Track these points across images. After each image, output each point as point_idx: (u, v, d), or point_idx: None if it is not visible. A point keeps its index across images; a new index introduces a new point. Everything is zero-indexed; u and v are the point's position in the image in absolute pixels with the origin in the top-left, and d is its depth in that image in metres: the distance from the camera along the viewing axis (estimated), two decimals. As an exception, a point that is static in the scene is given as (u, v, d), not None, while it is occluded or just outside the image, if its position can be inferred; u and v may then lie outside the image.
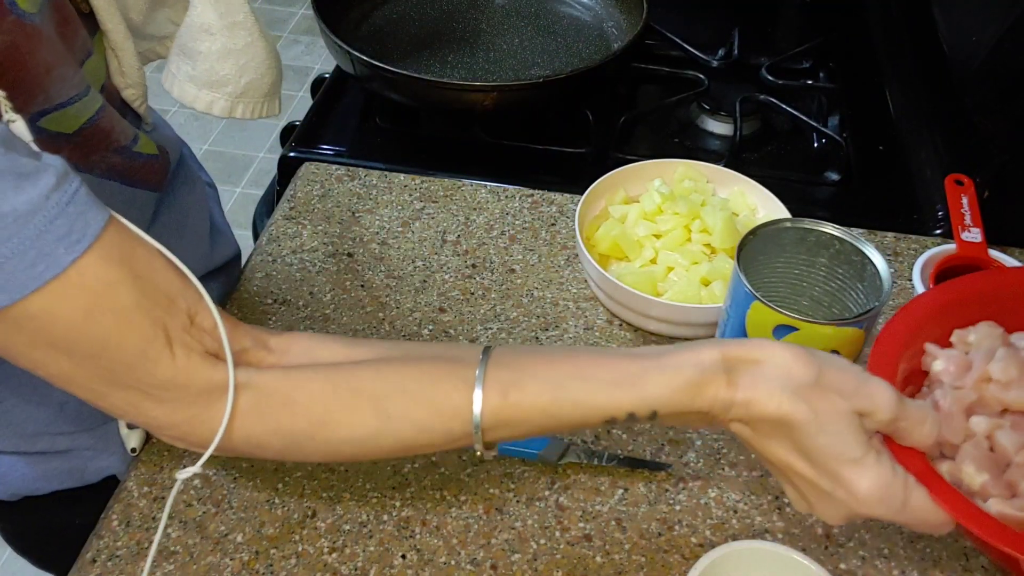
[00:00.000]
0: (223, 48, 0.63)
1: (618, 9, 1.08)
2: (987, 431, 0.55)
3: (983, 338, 0.59)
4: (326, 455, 0.54)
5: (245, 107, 0.67)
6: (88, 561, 0.61)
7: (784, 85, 1.04)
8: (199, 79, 0.64)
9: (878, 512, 0.48)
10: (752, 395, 0.48)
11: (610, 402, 0.49)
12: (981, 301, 0.60)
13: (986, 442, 0.55)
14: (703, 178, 0.83)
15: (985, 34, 0.83)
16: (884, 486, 0.48)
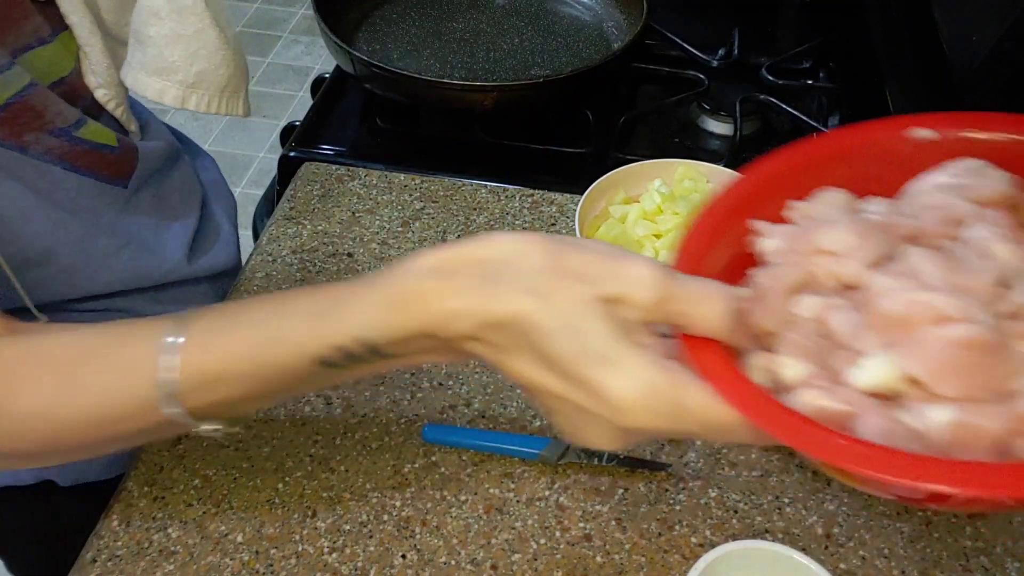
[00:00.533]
0: (171, 33, 0.62)
1: (618, 9, 1.08)
2: (817, 314, 0.44)
3: (827, 208, 0.49)
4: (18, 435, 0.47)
5: (200, 99, 0.65)
6: (88, 561, 0.61)
7: (784, 85, 1.04)
8: (149, 65, 0.63)
9: (646, 421, 0.39)
10: (473, 299, 0.40)
11: (312, 336, 0.42)
12: (829, 165, 0.51)
13: (815, 328, 0.44)
14: (703, 178, 0.83)
15: (985, 34, 0.83)
16: (645, 388, 0.39)
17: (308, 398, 0.70)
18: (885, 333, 0.42)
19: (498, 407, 0.70)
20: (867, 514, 0.64)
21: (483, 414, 0.69)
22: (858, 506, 0.64)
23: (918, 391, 0.41)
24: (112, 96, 0.64)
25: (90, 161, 0.63)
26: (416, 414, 0.69)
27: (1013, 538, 0.63)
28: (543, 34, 1.05)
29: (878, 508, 0.64)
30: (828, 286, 0.45)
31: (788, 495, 0.65)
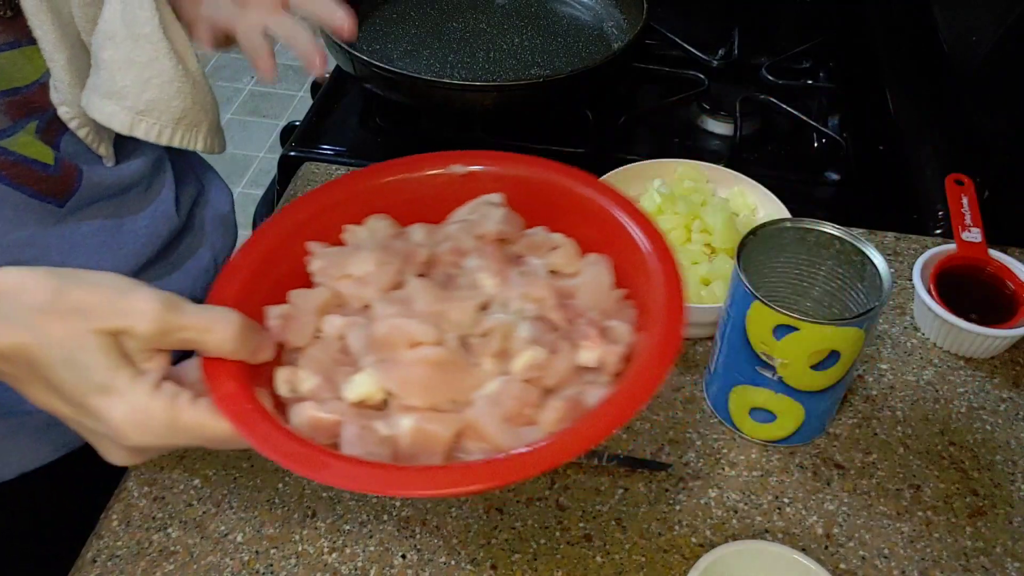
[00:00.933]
0: (124, 58, 0.61)
1: (618, 9, 1.08)
2: (339, 331, 0.51)
3: (367, 234, 0.56)
4: None
5: (150, 127, 0.64)
6: (88, 561, 0.61)
7: (784, 85, 1.04)
8: (101, 88, 0.62)
9: (148, 440, 0.44)
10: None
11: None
12: (388, 192, 0.57)
13: (338, 343, 0.51)
14: (703, 178, 0.83)
15: (985, 34, 0.83)
16: (139, 411, 0.43)
17: (308, 398, 0.70)
18: (378, 351, 0.49)
19: (498, 407, 0.70)
20: (867, 514, 0.64)
21: (483, 414, 0.69)
22: (858, 506, 0.64)
23: (396, 402, 0.48)
24: (75, 115, 0.63)
25: (18, 173, 0.62)
26: (416, 414, 0.69)
27: (1013, 538, 0.63)
28: (543, 34, 1.05)
29: (878, 508, 0.64)
30: (354, 307, 0.52)
31: (788, 495, 0.65)
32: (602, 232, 0.55)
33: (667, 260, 0.51)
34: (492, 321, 0.51)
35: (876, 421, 0.70)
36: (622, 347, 0.50)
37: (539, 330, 0.51)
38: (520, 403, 0.48)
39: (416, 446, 0.47)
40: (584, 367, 0.50)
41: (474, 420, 0.48)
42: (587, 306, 0.53)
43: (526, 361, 0.49)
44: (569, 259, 0.55)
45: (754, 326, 0.61)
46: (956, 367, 0.74)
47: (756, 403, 0.65)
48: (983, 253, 0.77)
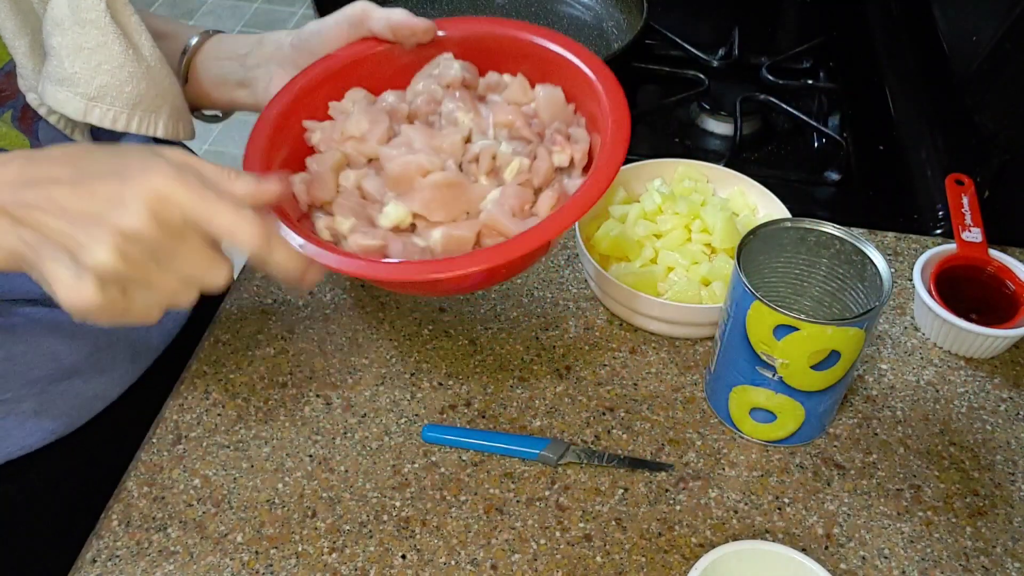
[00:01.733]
0: (73, 44, 0.61)
1: (618, 9, 1.08)
2: (355, 182, 0.62)
3: (353, 103, 0.65)
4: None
5: (104, 113, 0.63)
6: (88, 561, 0.61)
7: (784, 85, 1.04)
8: (53, 75, 0.61)
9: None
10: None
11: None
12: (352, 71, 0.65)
13: (357, 192, 0.62)
14: (703, 178, 0.83)
15: (985, 34, 0.83)
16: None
17: (308, 398, 0.70)
18: (395, 187, 0.60)
19: (498, 407, 0.70)
20: (867, 514, 0.64)
21: (483, 414, 0.69)
22: (858, 506, 0.64)
23: (422, 221, 0.59)
24: (43, 102, 0.62)
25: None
26: (416, 414, 0.69)
27: (1013, 538, 0.63)
28: (543, 34, 1.05)
29: (878, 508, 0.64)
30: (360, 162, 0.63)
31: (788, 495, 0.65)
32: (542, 65, 0.65)
33: (603, 73, 0.62)
34: (478, 147, 0.62)
35: (876, 421, 0.70)
36: (584, 145, 0.62)
37: (517, 145, 0.62)
38: (520, 200, 0.60)
39: (448, 251, 0.58)
40: (559, 168, 0.62)
41: (489, 220, 0.58)
42: (548, 120, 0.64)
43: (515, 168, 0.61)
44: (523, 90, 0.66)
45: (754, 326, 0.61)
46: (956, 367, 0.74)
47: (756, 403, 0.65)
48: (983, 253, 0.77)
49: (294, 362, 0.73)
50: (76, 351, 0.71)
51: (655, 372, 0.73)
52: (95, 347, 0.73)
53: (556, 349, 0.74)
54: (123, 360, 0.76)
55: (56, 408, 0.71)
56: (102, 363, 0.74)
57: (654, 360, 0.74)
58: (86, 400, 0.73)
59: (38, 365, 0.69)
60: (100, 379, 0.74)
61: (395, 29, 0.65)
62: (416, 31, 0.65)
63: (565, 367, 0.73)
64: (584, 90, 0.63)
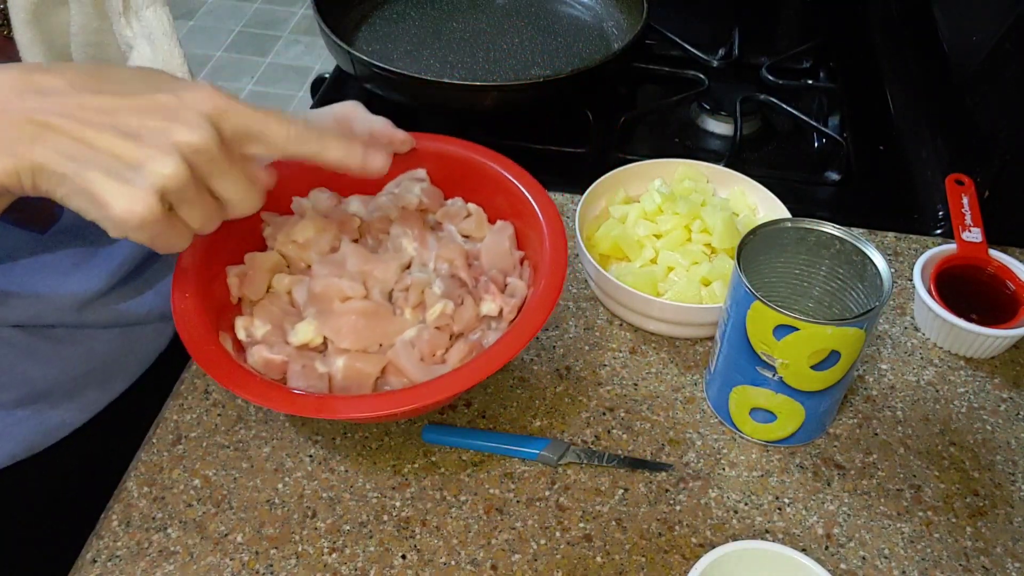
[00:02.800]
0: None
1: (618, 9, 1.08)
2: (287, 287, 0.64)
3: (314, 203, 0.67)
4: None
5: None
6: (88, 561, 0.61)
7: (784, 85, 1.04)
8: None
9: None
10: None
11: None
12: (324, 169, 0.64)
13: (287, 297, 0.64)
14: (703, 178, 0.83)
15: (985, 34, 0.83)
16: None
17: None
18: (317, 304, 0.62)
19: (498, 407, 0.70)
20: (867, 514, 0.64)
21: (483, 414, 0.69)
22: (858, 506, 0.64)
23: (333, 345, 0.60)
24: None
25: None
26: (416, 414, 0.69)
27: (1014, 538, 0.63)
28: (543, 34, 1.05)
29: (878, 508, 0.64)
30: (299, 267, 0.65)
31: (788, 495, 0.65)
32: (509, 201, 0.68)
33: (555, 227, 0.64)
34: (411, 278, 0.63)
35: (876, 421, 0.70)
36: (518, 299, 0.63)
37: (450, 286, 0.63)
38: (432, 346, 0.61)
39: (348, 380, 0.59)
40: (487, 316, 0.63)
41: (395, 359, 0.60)
42: (490, 265, 0.66)
43: (438, 311, 0.62)
44: (479, 225, 0.68)
45: (754, 326, 0.61)
46: (956, 367, 0.74)
47: (756, 403, 0.65)
48: (983, 253, 0.77)
49: (294, 362, 0.73)
50: (51, 376, 0.71)
51: (655, 372, 0.73)
52: (71, 373, 0.72)
53: (556, 349, 0.74)
54: (95, 387, 0.75)
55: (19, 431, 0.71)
56: (74, 390, 0.73)
57: (654, 360, 0.74)
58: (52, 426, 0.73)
59: (9, 387, 0.69)
60: (68, 405, 0.74)
61: (375, 136, 0.67)
62: (393, 141, 0.67)
63: (565, 367, 0.73)
64: (538, 237, 0.65)
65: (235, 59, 2.77)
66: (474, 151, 0.70)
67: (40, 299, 0.69)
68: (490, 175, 0.69)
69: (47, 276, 0.69)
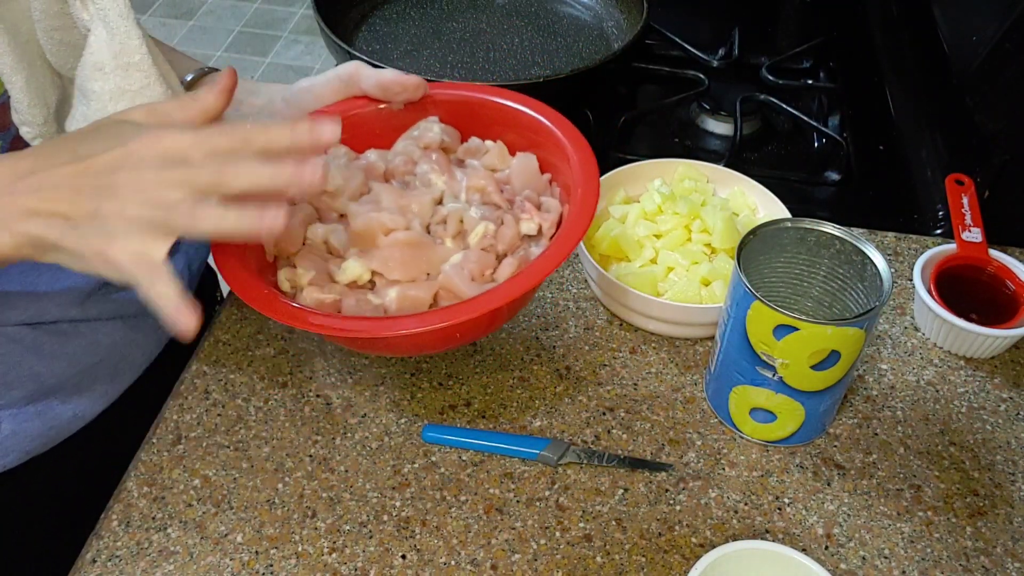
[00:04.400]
0: (116, 88, 0.61)
1: (618, 9, 1.08)
2: (323, 237, 0.63)
3: (333, 157, 0.66)
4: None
5: None
6: (88, 561, 0.61)
7: (784, 85, 1.04)
8: (92, 119, 0.61)
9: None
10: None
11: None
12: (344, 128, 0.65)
13: (323, 246, 0.63)
14: (703, 178, 0.83)
15: (985, 34, 0.83)
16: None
17: (308, 398, 0.70)
18: (358, 244, 0.61)
19: (498, 407, 0.70)
20: (867, 514, 0.64)
21: (483, 414, 0.69)
22: (858, 506, 0.64)
23: (380, 279, 0.60)
24: (38, 135, 0.63)
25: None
26: (416, 414, 0.69)
27: (1013, 538, 0.63)
28: (543, 34, 1.05)
29: (878, 508, 0.64)
30: (331, 216, 0.64)
31: (788, 495, 0.65)
32: (524, 134, 0.67)
33: (580, 145, 0.63)
34: (447, 209, 0.63)
35: (876, 421, 0.70)
36: (554, 215, 0.63)
37: (487, 210, 0.63)
38: (481, 266, 0.60)
39: (403, 310, 0.59)
40: (527, 236, 0.63)
41: (446, 282, 0.59)
42: (521, 188, 0.66)
43: (480, 232, 0.62)
44: (501, 157, 0.67)
45: (754, 326, 0.61)
46: (956, 367, 0.74)
47: (756, 403, 0.65)
48: (983, 253, 0.77)
49: (294, 362, 0.73)
50: (58, 371, 0.71)
51: (655, 372, 0.73)
52: (78, 367, 0.72)
53: (556, 349, 0.74)
54: (104, 380, 0.75)
55: (32, 427, 0.71)
56: (82, 384, 0.73)
57: (654, 360, 0.74)
58: (64, 420, 0.73)
59: (18, 385, 0.69)
60: (79, 399, 0.74)
61: (385, 87, 0.66)
62: (407, 87, 0.67)
63: (565, 367, 0.73)
64: (562, 160, 0.64)
65: (235, 59, 2.77)
66: (482, 91, 0.69)
67: (41, 296, 0.69)
68: (502, 111, 0.68)
69: (45, 273, 0.69)
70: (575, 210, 0.59)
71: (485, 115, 0.69)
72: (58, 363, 0.71)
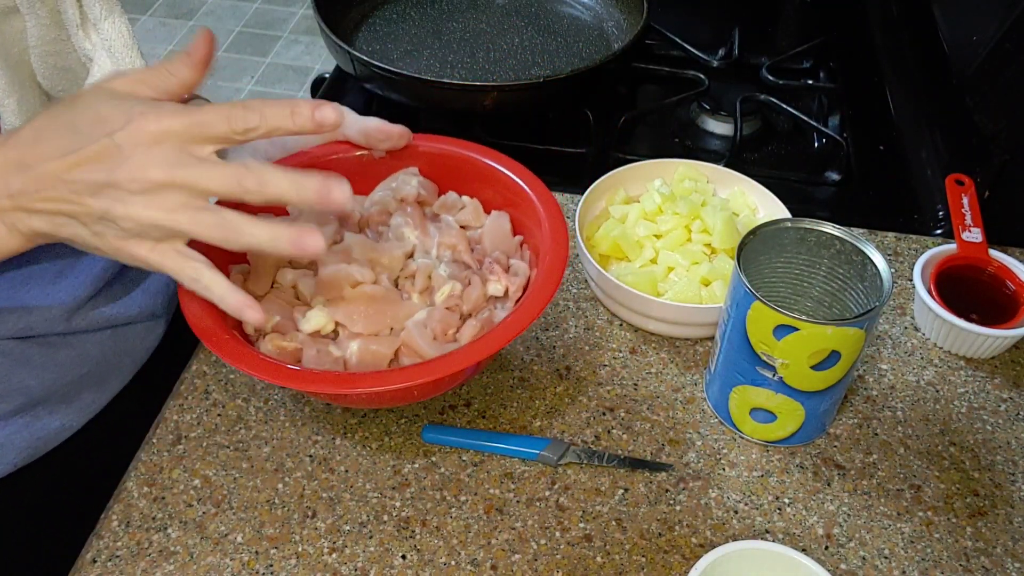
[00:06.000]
0: None
1: (618, 9, 1.08)
2: (292, 281, 0.64)
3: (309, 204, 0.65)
4: None
5: None
6: (88, 561, 0.61)
7: (784, 85, 1.04)
8: None
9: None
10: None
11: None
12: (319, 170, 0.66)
13: (292, 291, 0.64)
14: (703, 178, 0.83)
15: (985, 34, 0.83)
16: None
17: (308, 398, 0.70)
18: (325, 293, 0.62)
19: (498, 407, 0.70)
20: (867, 514, 0.64)
21: (483, 414, 0.69)
22: (858, 506, 0.64)
23: (344, 331, 0.61)
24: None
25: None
26: (416, 414, 0.69)
27: (1014, 538, 0.63)
28: (543, 34, 1.05)
29: (879, 508, 0.64)
30: (301, 262, 0.65)
31: (788, 495, 0.65)
32: (501, 193, 0.68)
33: (553, 211, 0.64)
34: (417, 264, 0.64)
35: (876, 421, 0.70)
36: (522, 278, 0.64)
37: (455, 269, 0.64)
38: (444, 325, 0.61)
39: (364, 363, 0.60)
40: (493, 296, 0.64)
41: (408, 339, 0.60)
42: (492, 248, 0.67)
43: (446, 292, 0.63)
44: (475, 215, 0.69)
45: (754, 326, 0.61)
46: (956, 367, 0.74)
47: (756, 403, 0.65)
48: (983, 253, 0.77)
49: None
50: (47, 383, 0.71)
51: (655, 372, 0.73)
52: (67, 378, 0.72)
53: (556, 349, 0.74)
54: (91, 389, 0.75)
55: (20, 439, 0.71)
56: (69, 394, 0.73)
57: (654, 360, 0.74)
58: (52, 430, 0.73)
59: (6, 397, 0.69)
60: (66, 409, 0.73)
61: (368, 135, 0.66)
62: (390, 136, 0.67)
63: (565, 367, 0.73)
64: (535, 223, 0.65)
65: (235, 59, 2.77)
66: (463, 147, 0.70)
67: (29, 311, 0.69)
68: (481, 169, 0.69)
69: (33, 288, 0.69)
70: (542, 276, 0.60)
71: (465, 170, 0.70)
72: (47, 374, 0.71)
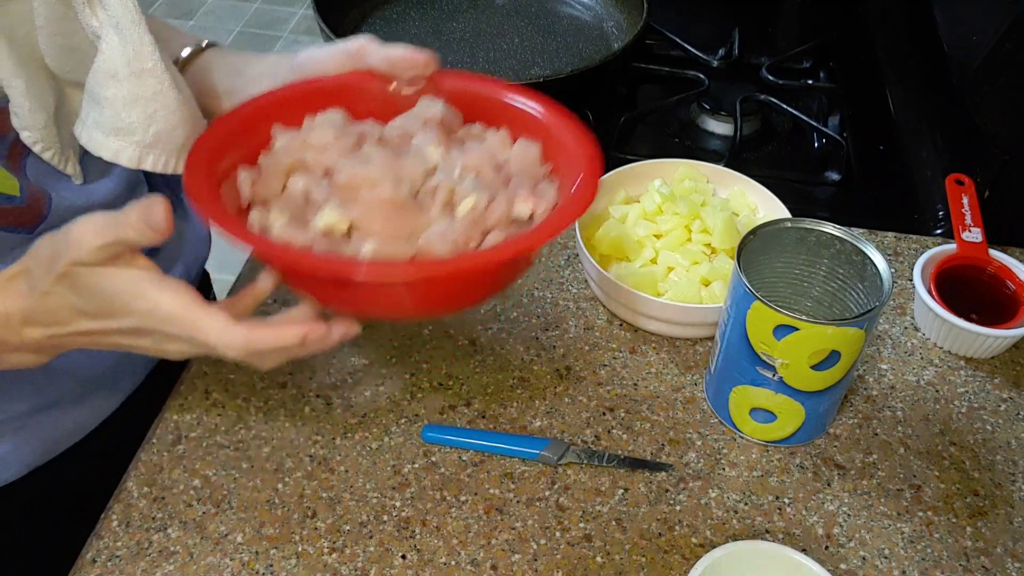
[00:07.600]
0: (129, 95, 0.61)
1: (618, 9, 1.08)
2: (304, 188, 0.59)
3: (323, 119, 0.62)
4: None
5: (157, 158, 0.64)
6: (88, 561, 0.61)
7: (784, 85, 1.04)
8: (105, 125, 0.61)
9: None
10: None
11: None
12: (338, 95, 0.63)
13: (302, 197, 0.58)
14: (703, 178, 0.83)
15: (985, 34, 0.83)
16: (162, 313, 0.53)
17: (308, 398, 0.70)
18: (341, 195, 0.57)
19: (498, 407, 0.70)
20: (867, 514, 0.64)
21: (483, 414, 0.69)
22: (858, 506, 0.64)
23: (359, 233, 0.55)
24: (39, 139, 0.62)
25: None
26: (416, 414, 0.69)
27: (1014, 538, 0.63)
28: (543, 34, 1.05)
29: (879, 508, 0.64)
30: (316, 172, 0.59)
31: (788, 495, 0.65)
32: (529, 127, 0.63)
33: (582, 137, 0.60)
34: (438, 179, 0.58)
35: (876, 421, 0.70)
36: (549, 203, 0.58)
37: (480, 183, 0.58)
38: (465, 238, 0.55)
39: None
40: (518, 220, 0.58)
41: (426, 246, 0.54)
42: (519, 172, 0.61)
43: (470, 204, 0.57)
44: (503, 145, 0.63)
45: (754, 326, 0.61)
46: (956, 367, 0.74)
47: (756, 403, 0.65)
48: (983, 253, 0.77)
49: (294, 362, 0.73)
50: (61, 384, 0.71)
51: (655, 372, 0.73)
52: (80, 379, 0.72)
53: (556, 349, 0.74)
54: (105, 389, 0.75)
55: (34, 440, 0.71)
56: (84, 395, 0.73)
57: (654, 360, 0.74)
58: (65, 431, 0.73)
59: (21, 399, 0.69)
60: (80, 410, 0.73)
61: (392, 63, 0.63)
62: (416, 63, 0.63)
63: (565, 367, 0.73)
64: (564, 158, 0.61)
65: (235, 59, 2.77)
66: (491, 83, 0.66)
67: None
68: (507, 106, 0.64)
69: None
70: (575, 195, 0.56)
71: (491, 107, 0.65)
72: (61, 376, 0.71)
